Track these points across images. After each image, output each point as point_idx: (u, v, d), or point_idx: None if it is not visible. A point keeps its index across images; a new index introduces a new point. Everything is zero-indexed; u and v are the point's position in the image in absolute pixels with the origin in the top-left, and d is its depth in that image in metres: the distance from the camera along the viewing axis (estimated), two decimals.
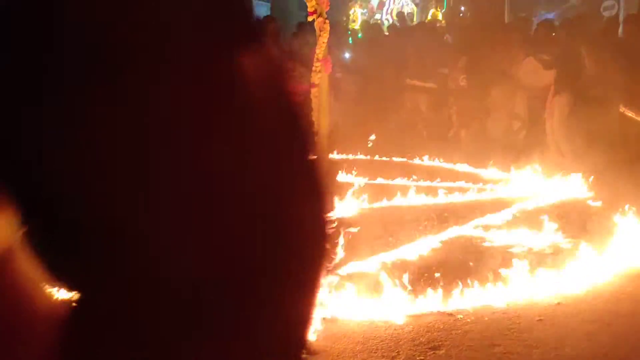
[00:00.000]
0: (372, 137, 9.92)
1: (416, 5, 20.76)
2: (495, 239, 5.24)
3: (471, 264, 4.62)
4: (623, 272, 4.56)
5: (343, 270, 4.50)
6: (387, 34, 13.68)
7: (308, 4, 5.78)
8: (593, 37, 8.41)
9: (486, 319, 3.81)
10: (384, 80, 10.27)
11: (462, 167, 8.24)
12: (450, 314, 3.86)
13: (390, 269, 4.49)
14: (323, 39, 5.79)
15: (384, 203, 6.41)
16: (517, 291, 4.14)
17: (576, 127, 7.39)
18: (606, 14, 16.30)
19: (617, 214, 5.79)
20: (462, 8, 20.60)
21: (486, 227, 5.51)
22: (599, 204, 6.34)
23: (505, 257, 4.79)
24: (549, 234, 5.29)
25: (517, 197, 6.67)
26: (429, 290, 4.03)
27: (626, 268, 4.62)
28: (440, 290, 4.07)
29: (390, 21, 19.99)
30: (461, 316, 3.82)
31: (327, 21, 5.80)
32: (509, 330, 3.67)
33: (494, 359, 3.36)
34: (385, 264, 4.69)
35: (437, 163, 8.54)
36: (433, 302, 3.95)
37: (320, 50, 5.82)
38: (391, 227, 5.49)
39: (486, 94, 9.34)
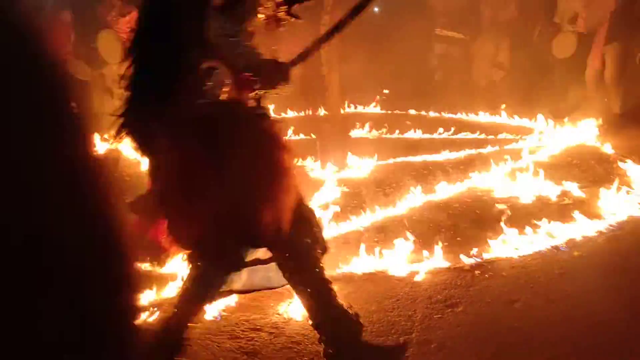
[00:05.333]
0: (386, 91, 9.75)
1: None
2: (510, 190, 5.12)
3: (486, 217, 4.54)
4: (639, 219, 4.45)
5: (356, 227, 4.44)
6: None
7: None
8: None
9: (504, 273, 3.73)
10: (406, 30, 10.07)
11: (479, 117, 8.07)
12: (468, 270, 3.78)
13: (404, 225, 4.42)
14: None
15: (397, 157, 6.30)
16: (536, 244, 4.05)
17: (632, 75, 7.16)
18: None
19: (629, 159, 5.71)
20: None
21: (501, 179, 5.39)
22: (612, 151, 6.20)
23: (521, 209, 4.69)
24: (565, 184, 5.17)
25: (531, 146, 6.53)
26: (446, 246, 3.95)
27: None
28: (456, 246, 4.00)
29: None
30: (478, 272, 3.74)
31: None
32: (528, 285, 3.58)
33: (514, 315, 3.29)
34: (398, 219, 4.62)
35: (450, 115, 8.37)
36: (450, 259, 3.87)
37: (327, 2, 5.65)
38: (405, 182, 5.39)
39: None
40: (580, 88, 7.58)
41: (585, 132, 6.72)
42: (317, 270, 2.71)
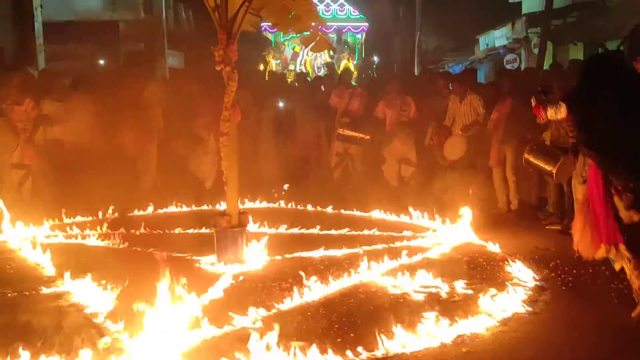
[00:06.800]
0: (286, 186, 9.91)
1: (331, 58, 21.30)
2: (402, 287, 5.23)
3: (379, 313, 4.60)
4: (524, 317, 4.66)
5: (250, 324, 4.38)
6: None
7: (215, 54, 5.75)
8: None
9: None
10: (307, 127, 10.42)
11: (376, 214, 8.28)
12: None
13: (298, 320, 4.41)
14: (231, 87, 5.76)
15: (294, 252, 6.34)
16: (425, 340, 4.12)
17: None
18: (509, 66, 17.26)
19: (515, 258, 6.03)
20: (375, 59, 21.17)
21: (391, 276, 5.50)
22: (498, 249, 6.51)
23: (412, 305, 4.78)
24: (455, 281, 5.35)
25: (422, 244, 6.76)
26: (339, 342, 3.95)
27: (527, 313, 4.73)
28: (349, 342, 4.00)
29: (304, 71, 20.37)
30: None
31: (236, 71, 5.78)
32: None
33: None
34: (292, 316, 4.60)
35: (348, 211, 8.56)
36: (342, 355, 3.87)
37: (228, 99, 5.78)
38: (301, 277, 5.40)
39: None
40: (466, 187, 8.01)
41: (471, 230, 7.03)
42: None
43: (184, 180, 9.29)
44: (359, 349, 3.93)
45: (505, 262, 6.07)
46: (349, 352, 3.89)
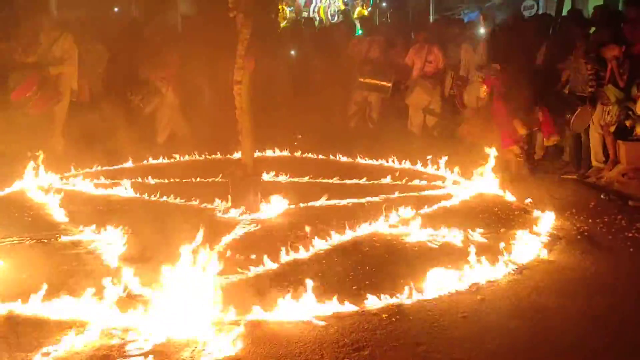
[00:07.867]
0: (299, 136, 9.87)
1: (345, 4, 20.93)
2: (417, 236, 5.25)
3: (395, 261, 4.63)
4: (539, 266, 4.66)
5: (264, 273, 4.42)
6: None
7: (229, 0, 5.65)
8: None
9: (411, 317, 3.78)
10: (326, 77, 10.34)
11: (391, 164, 8.25)
12: (375, 314, 3.81)
13: (314, 268, 4.43)
14: (244, 35, 5.68)
15: (308, 201, 6.35)
16: (441, 288, 4.14)
17: None
18: (526, 13, 16.87)
19: (530, 207, 6.02)
20: (384, 4, 20.71)
21: (406, 225, 5.51)
22: (513, 198, 6.49)
23: (428, 253, 4.80)
24: (471, 229, 5.34)
25: (438, 193, 6.75)
26: (354, 290, 3.97)
27: (542, 262, 4.74)
28: (364, 290, 4.03)
29: (318, 19, 20.05)
30: (385, 315, 3.78)
31: (250, 18, 5.69)
32: (433, 328, 3.65)
33: (418, 358, 3.34)
34: (308, 264, 4.63)
35: (364, 160, 8.53)
36: (358, 302, 3.90)
37: (242, 46, 5.70)
38: (316, 225, 5.43)
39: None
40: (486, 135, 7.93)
41: (489, 181, 6.98)
42: None
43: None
44: (375, 296, 3.95)
45: (521, 211, 6.06)
46: (365, 300, 3.91)
